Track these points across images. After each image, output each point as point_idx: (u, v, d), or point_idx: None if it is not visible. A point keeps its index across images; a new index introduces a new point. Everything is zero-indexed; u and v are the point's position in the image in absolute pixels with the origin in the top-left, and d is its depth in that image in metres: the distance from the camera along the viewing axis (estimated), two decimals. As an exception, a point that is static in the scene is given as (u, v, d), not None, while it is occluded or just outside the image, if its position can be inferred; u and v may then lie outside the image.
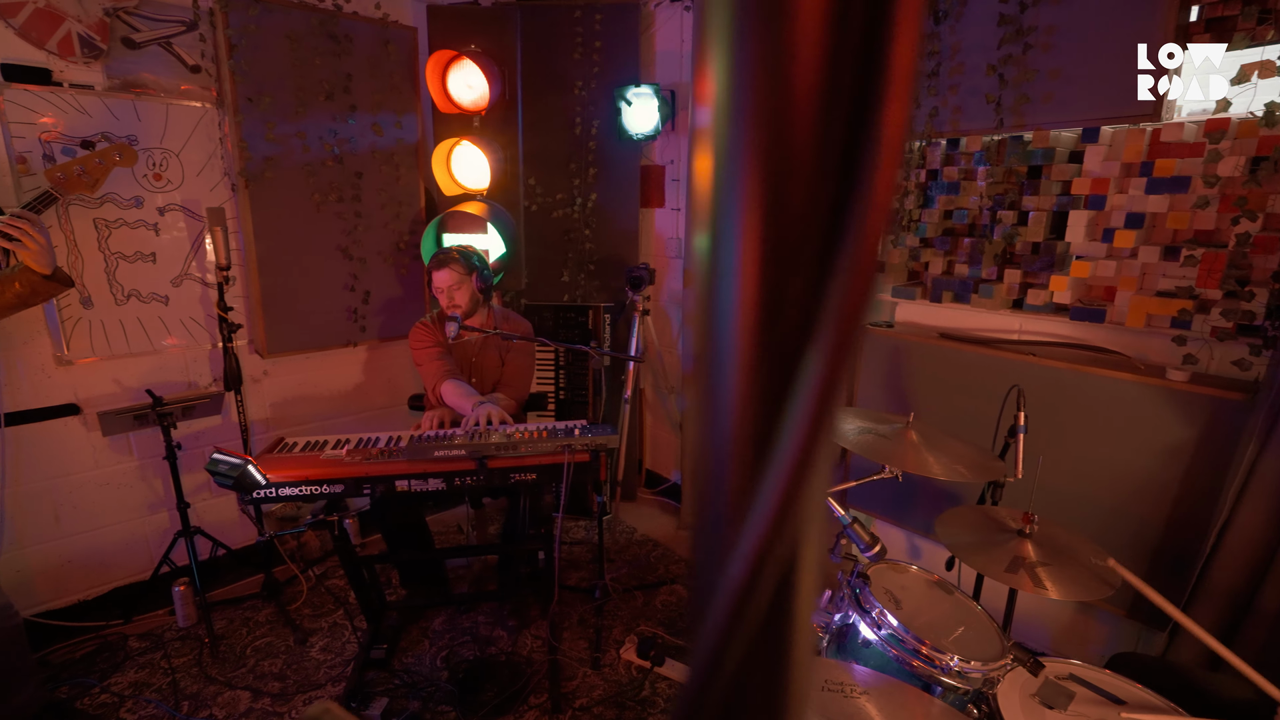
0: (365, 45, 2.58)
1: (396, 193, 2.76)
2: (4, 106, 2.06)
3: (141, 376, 2.45)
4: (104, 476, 2.43)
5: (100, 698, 2.15)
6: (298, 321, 2.61)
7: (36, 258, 1.66)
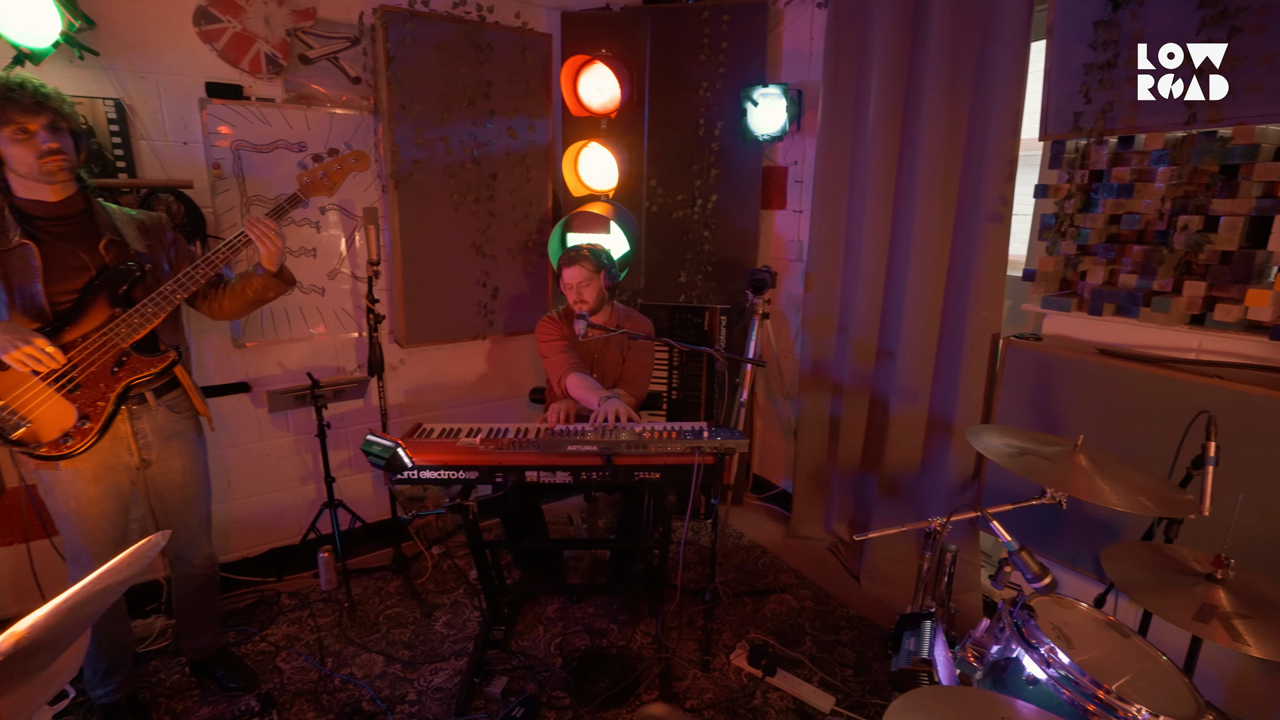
0: (504, 53, 2.71)
1: (527, 193, 2.88)
2: (206, 119, 2.34)
3: (299, 360, 2.70)
4: (266, 448, 2.71)
5: (260, 646, 2.40)
6: (434, 314, 2.79)
7: (274, 259, 1.84)
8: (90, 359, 1.66)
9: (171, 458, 1.89)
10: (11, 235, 1.59)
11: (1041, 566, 1.20)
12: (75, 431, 1.67)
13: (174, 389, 1.87)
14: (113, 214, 1.78)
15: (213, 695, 2.17)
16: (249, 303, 1.95)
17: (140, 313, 1.70)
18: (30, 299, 1.61)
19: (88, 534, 1.79)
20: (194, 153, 2.36)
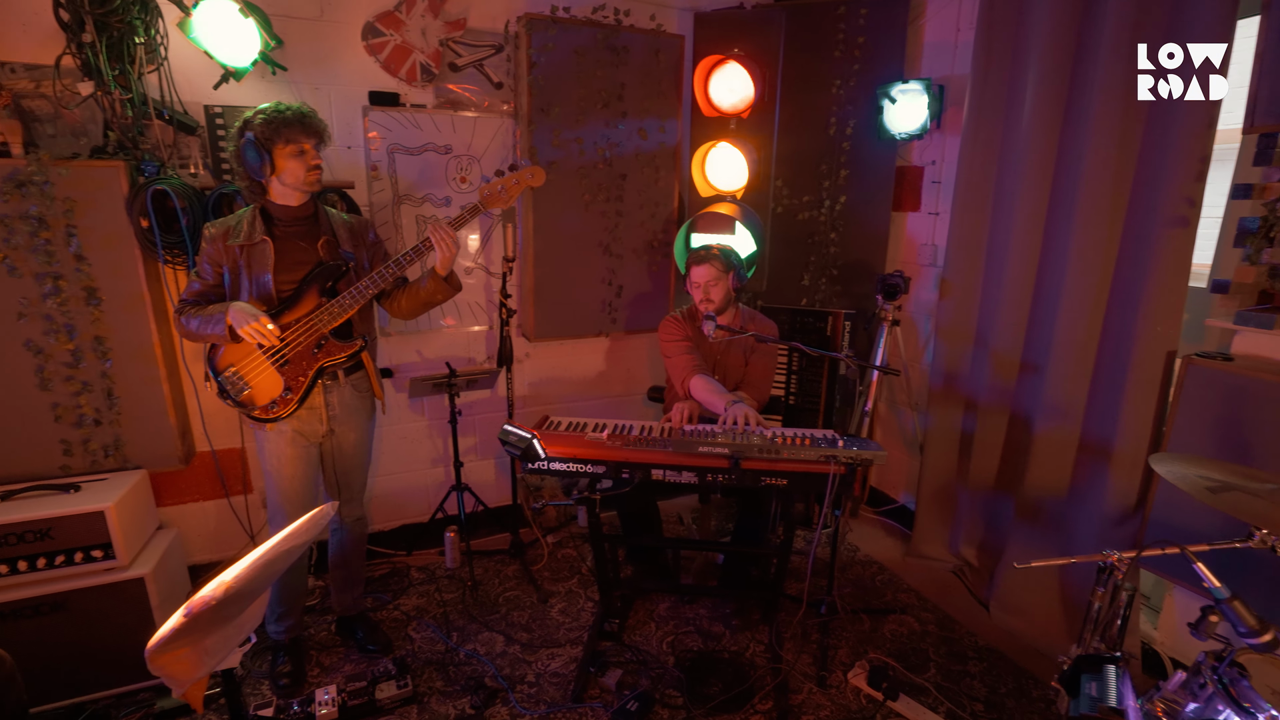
0: (638, 55, 2.75)
1: (654, 193, 2.91)
2: (367, 125, 2.54)
3: (436, 350, 2.88)
4: (404, 431, 2.90)
5: (393, 613, 2.58)
6: (561, 310, 2.88)
7: (447, 264, 2.02)
8: (298, 340, 1.91)
9: (349, 430, 2.12)
10: (256, 233, 1.89)
11: (1261, 620, 1.05)
12: (281, 400, 1.95)
13: (359, 370, 2.11)
14: (331, 217, 2.03)
15: (354, 654, 2.35)
16: (421, 304, 2.13)
17: (340, 303, 1.93)
18: (263, 286, 1.90)
19: (284, 491, 2.06)
20: (356, 156, 2.57)
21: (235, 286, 1.93)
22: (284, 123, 1.83)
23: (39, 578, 2.01)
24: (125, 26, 2.04)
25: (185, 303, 1.95)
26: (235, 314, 1.83)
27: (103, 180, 2.10)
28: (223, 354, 1.95)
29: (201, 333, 1.88)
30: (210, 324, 1.86)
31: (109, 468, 2.28)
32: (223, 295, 1.95)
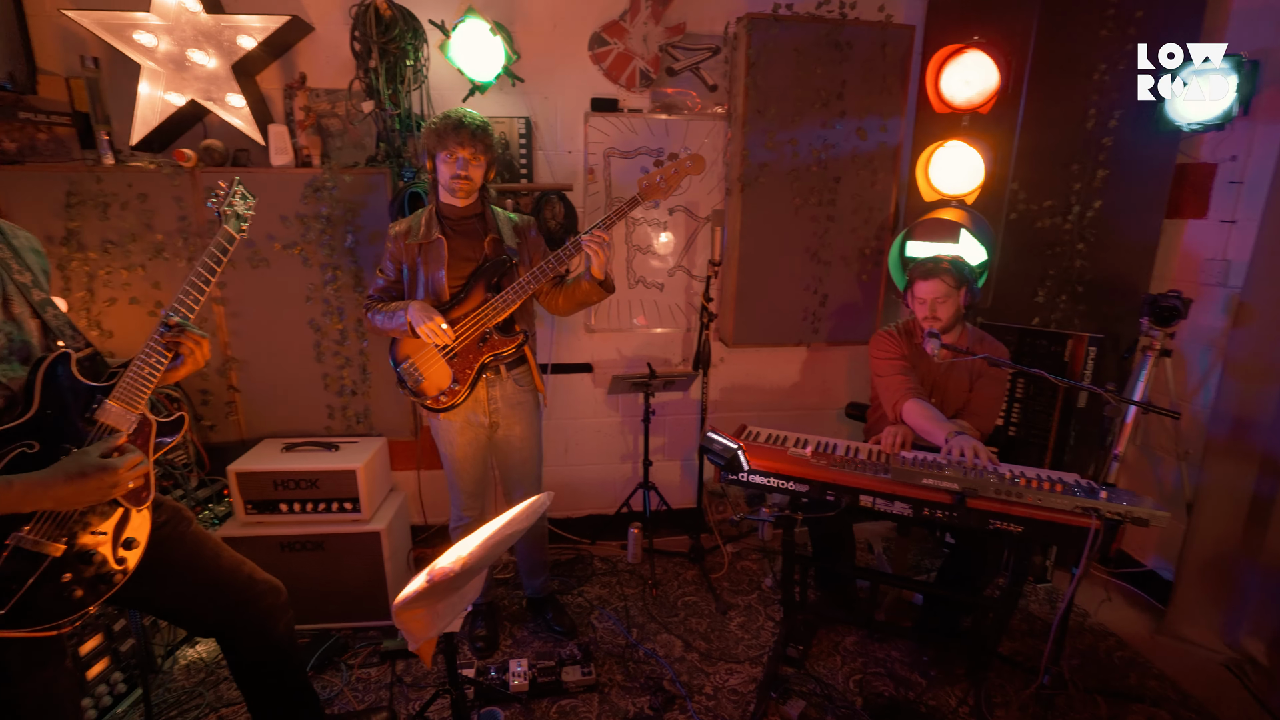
0: (862, 50, 2.58)
1: (869, 197, 2.72)
2: (587, 131, 2.67)
3: (635, 349, 2.95)
4: (597, 425, 3.02)
5: (577, 599, 2.69)
6: (762, 317, 2.81)
7: (601, 268, 2.05)
8: (466, 334, 2.03)
9: (514, 424, 2.21)
10: (433, 231, 2.04)
11: None
12: (449, 391, 2.09)
13: (521, 365, 2.19)
14: (497, 216, 2.13)
15: (542, 632, 2.49)
16: (577, 303, 2.16)
17: (504, 298, 2.01)
18: (436, 282, 2.04)
19: (458, 472, 2.23)
20: (575, 160, 2.71)
21: (412, 283, 2.08)
22: (441, 131, 1.92)
23: (306, 519, 2.38)
24: (400, 52, 2.33)
25: (371, 298, 2.14)
26: (415, 312, 1.97)
27: (373, 185, 2.43)
28: (401, 346, 2.12)
29: (385, 327, 2.06)
30: (394, 319, 2.02)
31: (359, 432, 2.64)
32: (402, 291, 2.12)
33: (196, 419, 2.54)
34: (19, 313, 1.18)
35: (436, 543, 2.93)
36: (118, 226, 2.34)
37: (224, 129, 2.42)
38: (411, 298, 2.06)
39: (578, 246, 1.99)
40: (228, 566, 1.51)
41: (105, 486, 1.15)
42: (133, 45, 2.27)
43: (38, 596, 1.13)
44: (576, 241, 1.97)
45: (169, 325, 1.31)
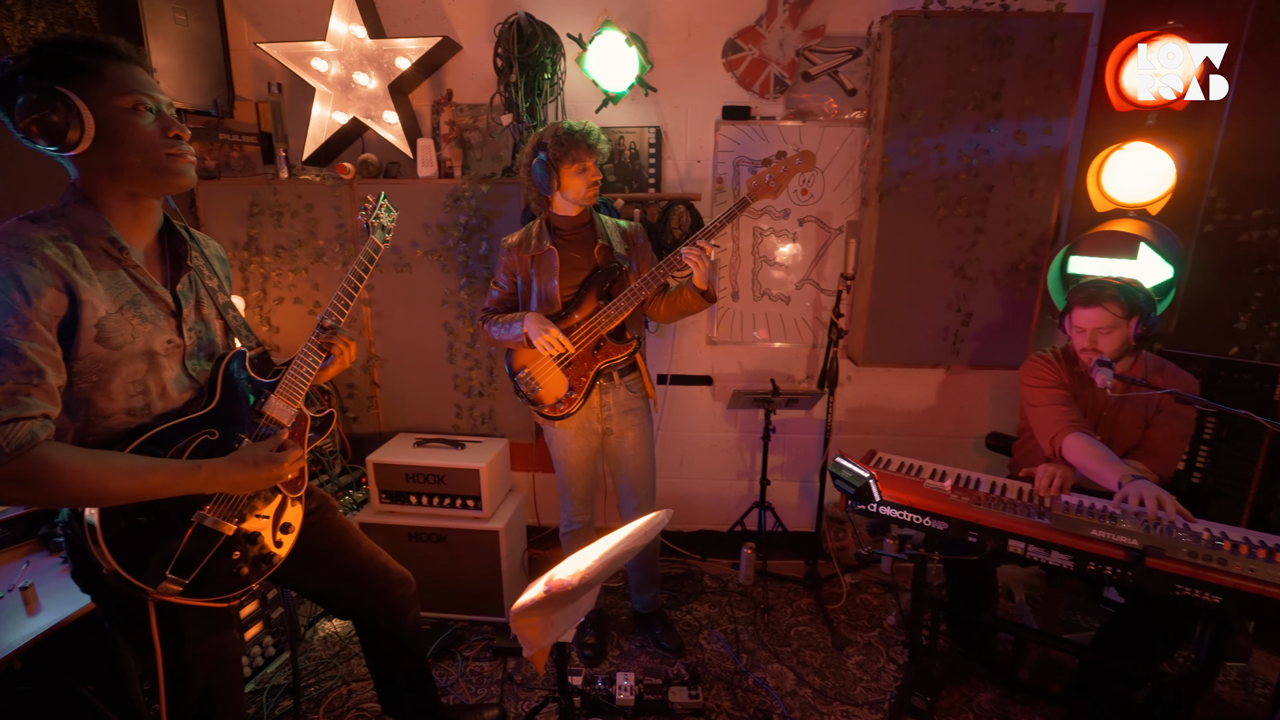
0: (1026, 44, 2.33)
1: (1025, 208, 2.46)
2: (717, 140, 2.62)
3: (756, 363, 2.86)
4: (714, 439, 2.95)
5: (685, 616, 2.63)
6: (895, 335, 2.61)
7: (703, 278, 1.97)
8: (580, 342, 2.03)
9: (626, 430, 2.19)
10: (544, 242, 2.05)
11: None
12: (565, 399, 2.09)
13: (633, 372, 2.17)
14: (604, 224, 2.12)
15: (649, 647, 2.45)
16: (678, 312, 2.10)
17: (617, 306, 2.00)
18: (549, 292, 2.06)
19: (570, 479, 2.24)
20: (704, 169, 2.67)
21: (525, 294, 2.11)
22: (572, 143, 1.92)
23: (432, 512, 2.51)
24: (538, 66, 2.40)
25: (487, 310, 2.18)
26: (531, 324, 1.98)
27: (508, 194, 2.53)
28: (517, 356, 2.14)
29: (502, 339, 2.08)
30: (509, 330, 2.04)
31: (483, 432, 2.75)
32: (517, 303, 2.15)
33: (342, 410, 2.76)
34: (207, 313, 1.31)
35: (550, 545, 2.99)
36: (288, 233, 2.60)
37: (379, 144, 2.62)
38: (525, 308, 2.09)
39: (673, 263, 1.95)
40: (365, 556, 1.61)
41: (271, 476, 1.25)
42: (309, 71, 2.51)
43: (214, 571, 1.24)
44: (681, 251, 1.93)
45: (324, 327, 1.42)
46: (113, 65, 1.10)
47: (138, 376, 1.17)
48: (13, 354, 0.99)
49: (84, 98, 1.07)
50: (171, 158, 1.16)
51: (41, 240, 1.04)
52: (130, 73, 1.12)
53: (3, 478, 0.98)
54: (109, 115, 1.09)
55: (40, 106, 1.04)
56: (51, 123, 1.04)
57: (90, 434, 1.14)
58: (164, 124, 1.15)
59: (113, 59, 1.11)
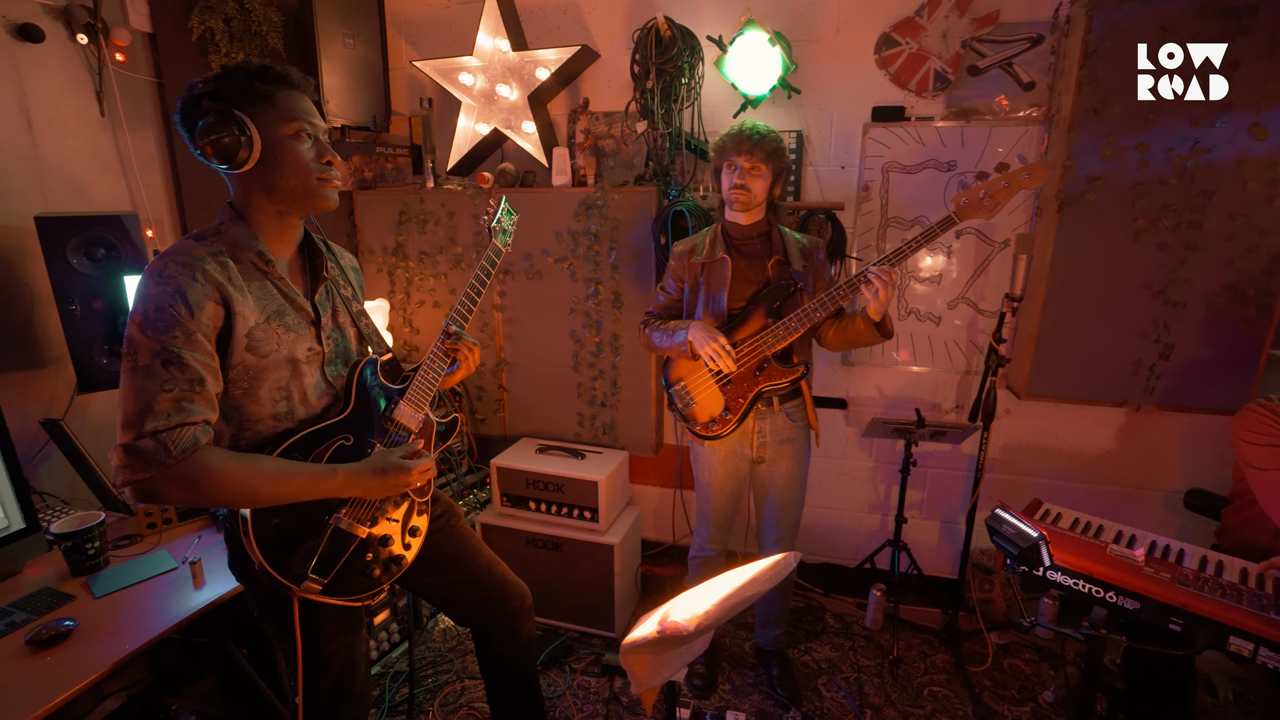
0: (1274, 16, 1.90)
1: (1258, 219, 2.01)
2: (865, 144, 2.41)
3: (897, 388, 2.60)
4: (845, 467, 2.73)
5: (803, 657, 2.44)
6: (1070, 366, 2.25)
7: (880, 310, 1.77)
8: (743, 361, 1.88)
9: (780, 460, 2.02)
10: (717, 250, 1.94)
11: None
12: (720, 420, 1.96)
13: (795, 399, 2.00)
14: (785, 237, 1.97)
15: (763, 687, 2.29)
16: (847, 341, 1.93)
17: (786, 326, 1.84)
18: (717, 303, 1.94)
19: (711, 503, 2.11)
20: (848, 176, 2.46)
21: (691, 303, 1.99)
22: (724, 141, 1.85)
23: (549, 520, 2.51)
24: (676, 71, 2.33)
25: (650, 315, 2.09)
26: (696, 332, 1.86)
27: (639, 203, 2.47)
28: (675, 367, 2.04)
29: (662, 346, 1.98)
30: (672, 338, 1.93)
31: (604, 443, 2.72)
32: (681, 311, 2.04)
33: (471, 412, 2.85)
34: (342, 321, 1.36)
35: (664, 562, 2.91)
36: (430, 240, 2.73)
37: (517, 153, 2.68)
38: (690, 318, 2.00)
39: (854, 286, 1.76)
40: (485, 565, 1.61)
41: (400, 483, 1.28)
42: (457, 85, 2.61)
43: (349, 571, 1.29)
44: (865, 275, 1.74)
45: (448, 333, 1.43)
46: (284, 94, 1.17)
47: (282, 383, 1.22)
48: (179, 363, 1.06)
49: (256, 122, 1.14)
50: (321, 181, 1.22)
51: (202, 256, 1.12)
52: (298, 101, 1.19)
53: (169, 479, 1.05)
54: (274, 140, 1.16)
55: (217, 129, 1.11)
56: (225, 144, 1.12)
57: (242, 438, 1.21)
58: (319, 150, 1.22)
59: (286, 87, 1.18)
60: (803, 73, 2.40)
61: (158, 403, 1.04)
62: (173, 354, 1.06)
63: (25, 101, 2.13)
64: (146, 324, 1.05)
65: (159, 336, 1.05)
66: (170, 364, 1.06)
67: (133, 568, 1.71)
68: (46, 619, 1.49)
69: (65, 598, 1.59)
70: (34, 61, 2.13)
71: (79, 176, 2.28)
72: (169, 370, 1.05)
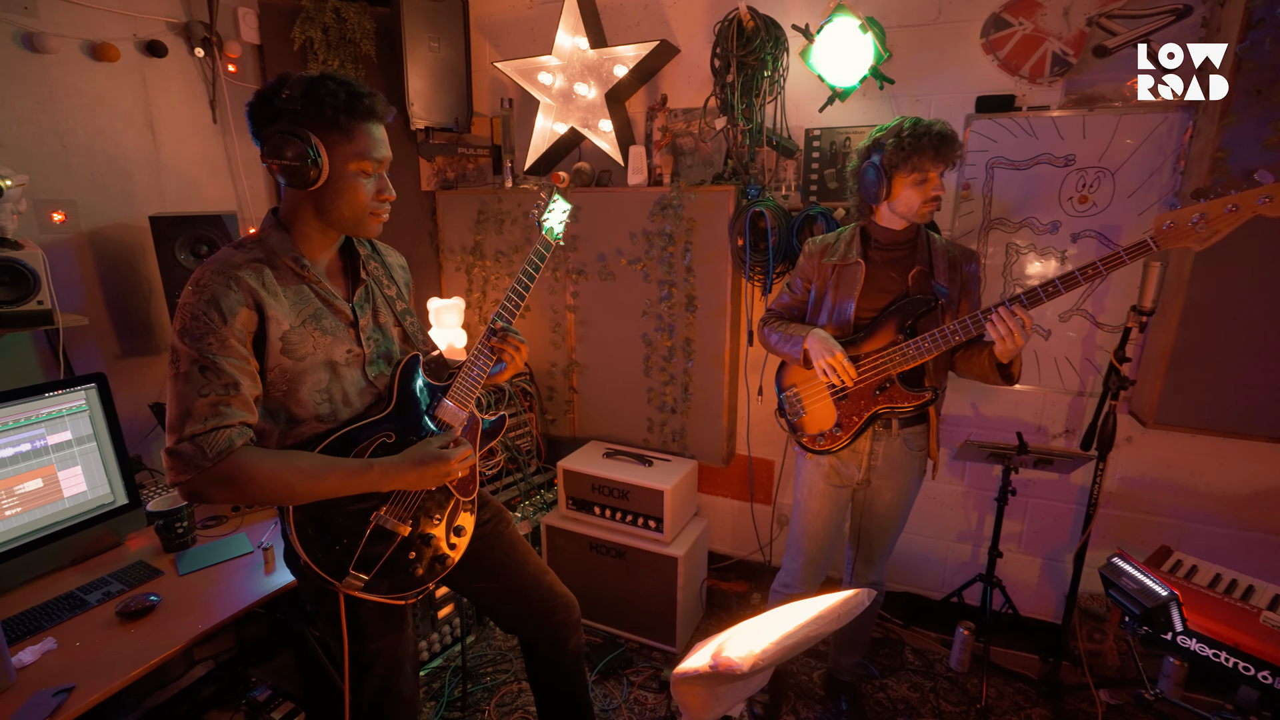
0: None
1: None
2: (968, 137, 2.18)
3: (997, 407, 2.35)
4: (933, 489, 2.50)
5: (877, 693, 2.25)
6: (1211, 391, 1.93)
7: (1008, 353, 1.56)
8: (863, 377, 1.72)
9: (887, 488, 1.86)
10: (852, 253, 1.77)
11: None
12: (829, 435, 1.81)
13: (919, 424, 1.81)
14: (933, 244, 1.76)
15: (831, 721, 2.14)
16: (968, 371, 1.73)
17: (917, 346, 1.65)
18: (843, 311, 1.77)
19: (806, 524, 1.94)
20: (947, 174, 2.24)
21: (816, 306, 1.84)
22: (916, 146, 1.60)
23: (613, 526, 2.46)
24: (758, 63, 2.21)
25: (771, 313, 1.96)
26: (814, 341, 1.72)
27: (716, 203, 2.37)
28: (788, 373, 1.91)
29: (779, 349, 1.85)
30: (789, 343, 1.80)
31: (673, 451, 2.64)
32: (805, 313, 1.90)
33: (541, 413, 2.85)
34: (384, 321, 1.36)
35: (732, 577, 2.79)
36: (507, 239, 2.75)
37: (594, 152, 2.65)
38: (813, 323, 1.84)
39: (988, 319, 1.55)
40: (532, 574, 1.57)
41: (440, 474, 1.26)
42: (536, 85, 2.61)
43: (392, 569, 1.29)
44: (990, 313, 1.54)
45: (494, 330, 1.39)
46: (363, 129, 1.17)
47: (322, 385, 1.24)
48: (215, 369, 1.09)
49: (329, 152, 1.15)
50: (373, 216, 1.24)
51: (238, 264, 1.15)
52: (374, 136, 1.19)
53: (208, 479, 1.09)
54: (342, 173, 1.17)
55: (290, 153, 1.12)
56: (294, 168, 1.13)
57: (289, 436, 1.23)
58: (379, 186, 1.23)
59: (369, 121, 1.18)
60: (897, 61, 2.21)
61: (196, 408, 1.08)
62: (209, 360, 1.09)
63: (150, 111, 2.31)
64: (185, 332, 1.09)
65: (195, 344, 1.09)
66: (207, 370, 1.09)
67: (215, 548, 1.81)
68: (135, 592, 1.60)
69: (155, 572, 1.70)
70: (158, 74, 2.32)
71: (193, 179, 2.46)
72: (205, 376, 1.09)
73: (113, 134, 2.21)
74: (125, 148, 2.24)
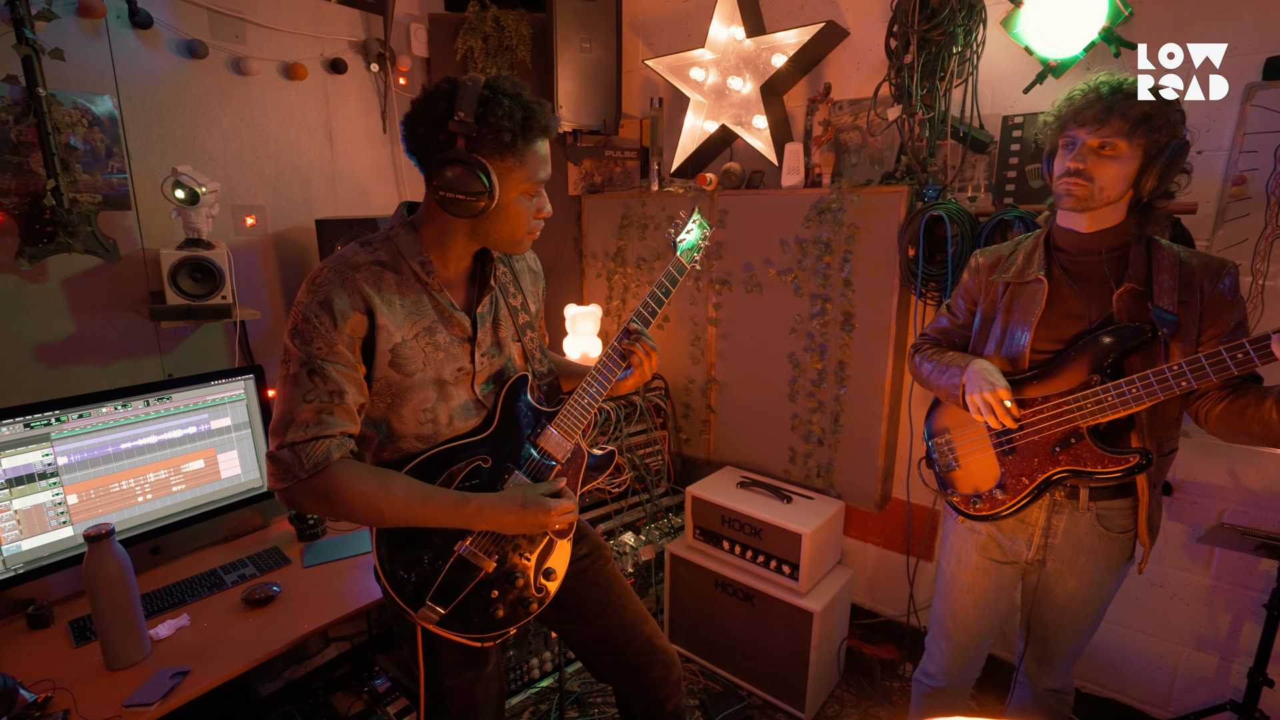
0: None
1: None
2: (1248, 114, 1.64)
3: (1266, 478, 1.74)
4: (1164, 575, 1.93)
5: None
6: None
7: None
8: (1039, 426, 1.32)
9: (1071, 575, 1.40)
10: (1032, 268, 1.36)
11: None
12: (988, 497, 1.41)
13: (1122, 499, 1.33)
14: (1161, 254, 1.25)
15: None
16: (1240, 432, 1.20)
17: (1121, 392, 1.20)
18: (1015, 341, 1.37)
19: (953, 608, 1.55)
20: (1208, 164, 1.71)
21: (982, 333, 1.45)
22: (1062, 108, 1.26)
23: (743, 565, 2.21)
24: (945, 39, 1.84)
25: (925, 338, 1.60)
26: (972, 373, 1.35)
27: (884, 206, 2.03)
28: (941, 414, 1.54)
29: (932, 381, 1.48)
30: (944, 374, 1.43)
31: (816, 487, 2.32)
32: (968, 340, 1.51)
33: (675, 430, 2.67)
34: (504, 336, 1.25)
35: (878, 639, 2.40)
36: (649, 245, 2.61)
37: (746, 152, 2.42)
38: (976, 352, 1.47)
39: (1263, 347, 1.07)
40: (630, 622, 1.40)
41: (538, 524, 1.15)
42: (688, 81, 2.45)
43: (470, 607, 1.18)
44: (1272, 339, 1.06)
45: (628, 331, 1.26)
46: (534, 149, 1.08)
47: (428, 404, 1.15)
48: (322, 374, 1.03)
49: (502, 181, 1.07)
50: (528, 235, 1.16)
51: (358, 265, 1.07)
52: (541, 155, 1.11)
53: (303, 491, 1.04)
54: (509, 200, 1.09)
55: (465, 185, 1.02)
56: (464, 202, 1.04)
57: (387, 448, 1.16)
58: (539, 205, 1.15)
59: (541, 139, 1.09)
60: (1140, 21, 1.73)
61: (299, 413, 1.03)
62: (316, 364, 1.03)
63: (330, 123, 2.50)
64: (296, 332, 1.04)
65: (305, 346, 1.03)
66: (314, 374, 1.03)
67: (340, 543, 1.86)
68: (262, 579, 1.68)
69: (284, 560, 1.77)
70: (337, 89, 2.50)
71: (363, 185, 2.62)
72: (313, 380, 1.03)
73: (298, 145, 2.40)
74: (307, 157, 2.44)
